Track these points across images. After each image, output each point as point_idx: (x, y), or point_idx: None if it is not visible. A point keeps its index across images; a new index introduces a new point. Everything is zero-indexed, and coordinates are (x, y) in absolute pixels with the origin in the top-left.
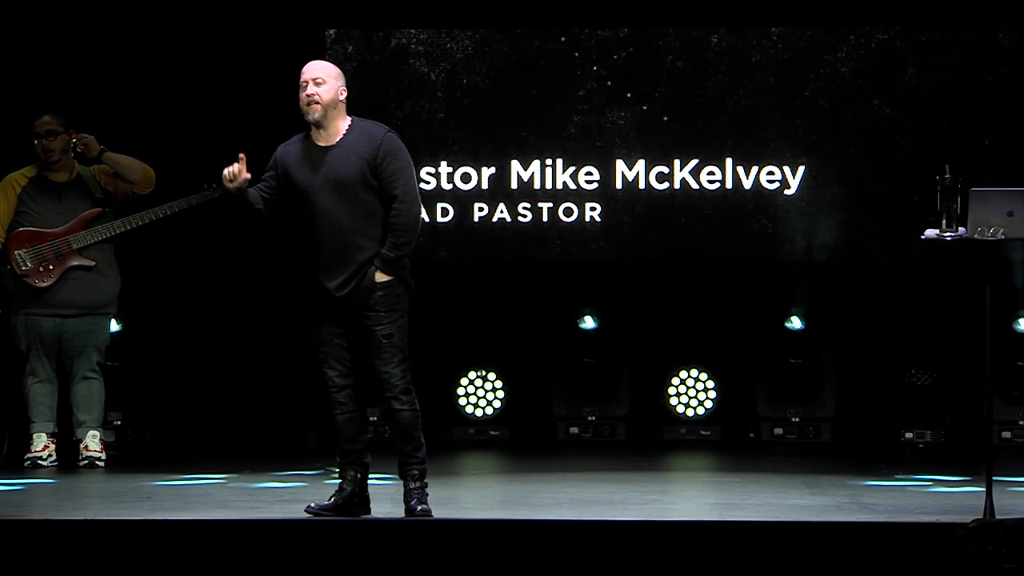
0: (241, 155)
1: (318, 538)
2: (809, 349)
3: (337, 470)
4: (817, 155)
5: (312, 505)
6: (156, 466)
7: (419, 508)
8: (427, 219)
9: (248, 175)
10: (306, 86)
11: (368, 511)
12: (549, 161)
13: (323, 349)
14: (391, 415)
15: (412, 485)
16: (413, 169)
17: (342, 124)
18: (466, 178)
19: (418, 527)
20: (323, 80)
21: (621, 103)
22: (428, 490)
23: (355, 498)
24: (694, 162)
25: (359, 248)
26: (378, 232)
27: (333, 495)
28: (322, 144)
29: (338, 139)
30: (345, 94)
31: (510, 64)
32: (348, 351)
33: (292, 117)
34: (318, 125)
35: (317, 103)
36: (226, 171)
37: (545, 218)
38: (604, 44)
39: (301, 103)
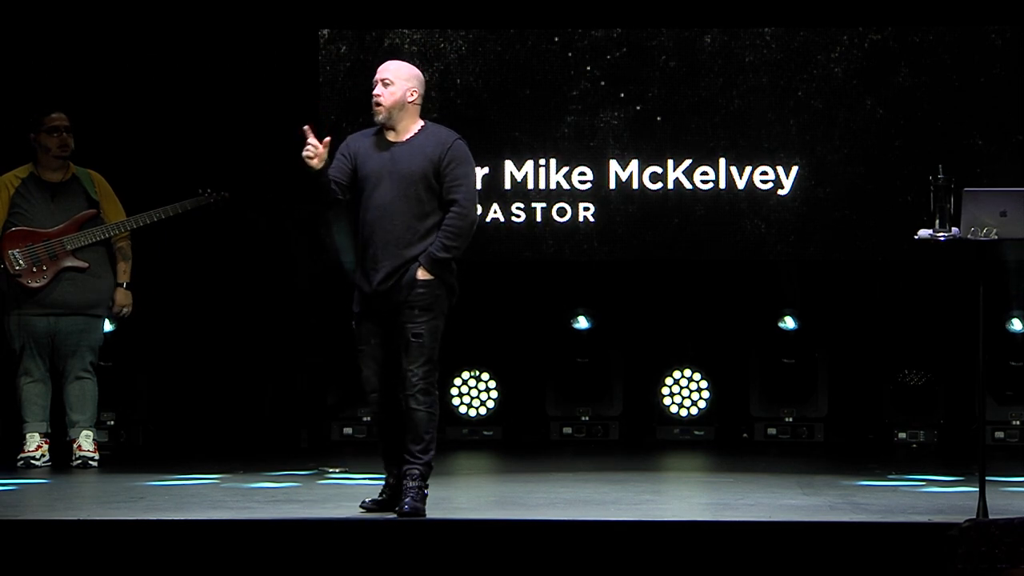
0: (305, 127)
1: (311, 538)
2: (802, 349)
3: (329, 470)
4: (810, 155)
5: (366, 501)
6: (149, 466)
7: (408, 507)
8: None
9: (325, 147)
10: (375, 86)
11: None
12: (542, 161)
13: (361, 347)
14: (406, 413)
15: (410, 484)
16: (476, 179)
17: (412, 125)
18: None
19: (411, 527)
20: (391, 82)
21: (614, 103)
22: (427, 491)
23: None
24: (687, 162)
25: (408, 244)
26: (431, 235)
27: (382, 490)
28: (391, 140)
29: (408, 137)
30: (416, 95)
31: (503, 64)
32: (385, 352)
33: (285, 117)
34: (385, 126)
35: (380, 104)
36: (308, 149)
37: (538, 218)
38: (597, 44)
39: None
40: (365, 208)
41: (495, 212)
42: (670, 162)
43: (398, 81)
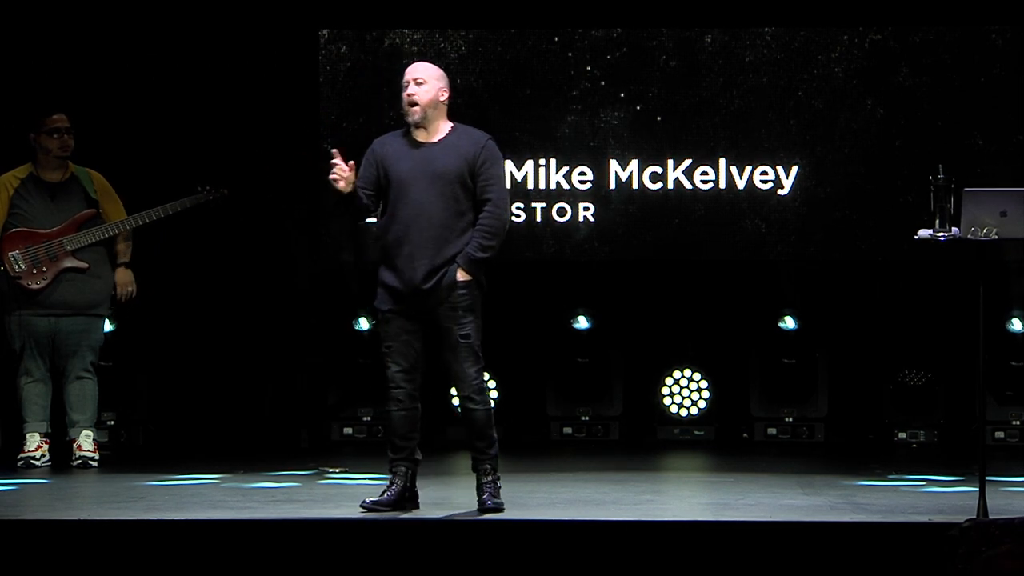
0: (334, 150)
1: (311, 538)
2: (802, 349)
3: (330, 470)
4: (810, 155)
5: (367, 501)
6: (149, 466)
7: (490, 503)
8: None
9: (352, 171)
10: (407, 86)
11: (417, 506)
12: (543, 161)
13: (389, 344)
14: (465, 414)
15: (485, 480)
16: (507, 180)
17: (443, 125)
18: None
19: (410, 527)
20: (423, 80)
21: (615, 103)
22: (500, 483)
23: (406, 493)
24: (687, 162)
25: (445, 243)
26: (466, 233)
27: (385, 490)
28: (423, 140)
29: (440, 137)
30: (447, 95)
31: (503, 64)
32: (415, 349)
33: (285, 116)
34: (418, 124)
35: (416, 104)
36: (336, 170)
37: (539, 218)
38: (597, 44)
39: (403, 103)
40: (399, 207)
41: None
42: (670, 162)
43: (430, 80)
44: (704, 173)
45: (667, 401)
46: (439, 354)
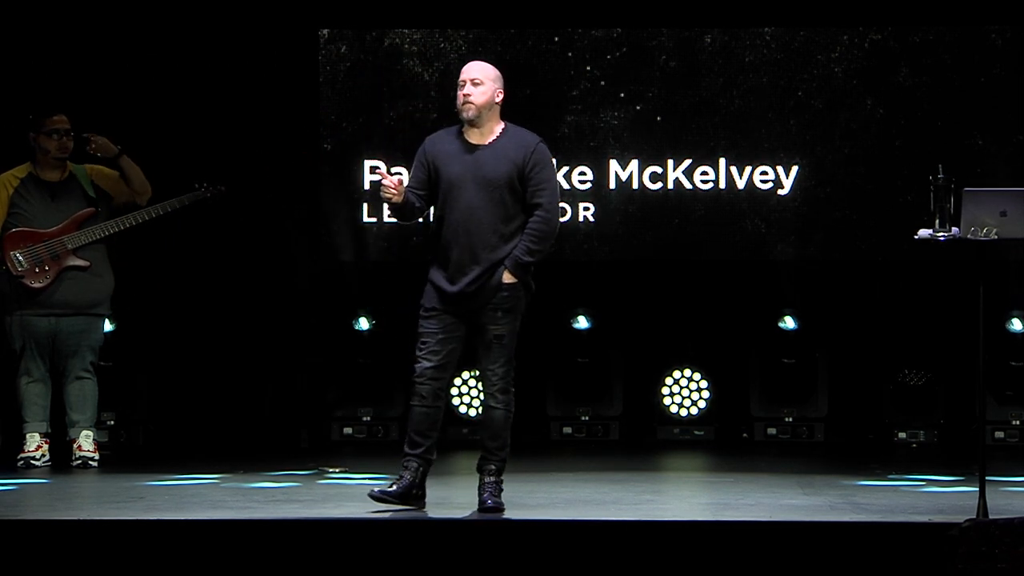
0: (378, 170)
1: (311, 538)
2: (802, 349)
3: (329, 470)
4: (810, 155)
5: (375, 490)
6: (149, 466)
7: (490, 502)
8: (419, 220)
9: (400, 183)
10: (463, 86)
11: (424, 504)
12: None
13: (426, 340)
14: (484, 412)
15: (487, 479)
16: (558, 181)
17: (496, 126)
18: None
19: (411, 527)
20: (480, 81)
21: (614, 103)
22: (503, 486)
23: (415, 489)
24: (687, 162)
25: (493, 248)
26: (513, 237)
27: (394, 482)
28: (474, 142)
29: (491, 139)
30: (502, 96)
31: (503, 64)
32: (451, 348)
33: (285, 116)
34: (472, 124)
35: (472, 103)
36: (386, 189)
37: None
38: (597, 44)
39: (458, 102)
40: (448, 209)
41: None
42: (670, 162)
43: (487, 81)
44: (704, 173)
45: (667, 401)
46: (473, 350)
